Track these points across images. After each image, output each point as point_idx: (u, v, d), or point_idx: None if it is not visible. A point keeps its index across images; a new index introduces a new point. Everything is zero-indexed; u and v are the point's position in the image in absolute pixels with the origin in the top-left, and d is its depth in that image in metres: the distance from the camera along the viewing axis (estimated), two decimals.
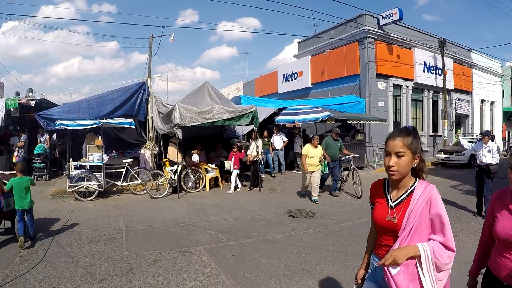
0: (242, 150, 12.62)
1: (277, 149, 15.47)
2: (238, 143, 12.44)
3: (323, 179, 11.18)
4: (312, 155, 10.33)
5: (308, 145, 10.55)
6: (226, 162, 12.26)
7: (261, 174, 13.17)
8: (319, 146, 10.54)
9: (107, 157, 11.22)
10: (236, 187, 12.17)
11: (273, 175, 15.37)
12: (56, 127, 11.15)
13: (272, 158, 15.63)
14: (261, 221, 8.41)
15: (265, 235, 7.29)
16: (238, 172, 12.29)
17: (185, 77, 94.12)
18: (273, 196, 11.62)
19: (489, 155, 9.08)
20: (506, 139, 36.82)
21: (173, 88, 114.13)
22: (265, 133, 15.17)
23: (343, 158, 11.84)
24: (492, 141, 9.64)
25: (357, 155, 12.57)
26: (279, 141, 15.50)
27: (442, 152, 20.82)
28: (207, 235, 7.23)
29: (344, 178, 12.24)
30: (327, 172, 11.11)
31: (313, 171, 10.37)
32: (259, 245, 6.63)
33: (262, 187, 12.34)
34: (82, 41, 71.59)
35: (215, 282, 5.00)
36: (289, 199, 10.99)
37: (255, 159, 12.27)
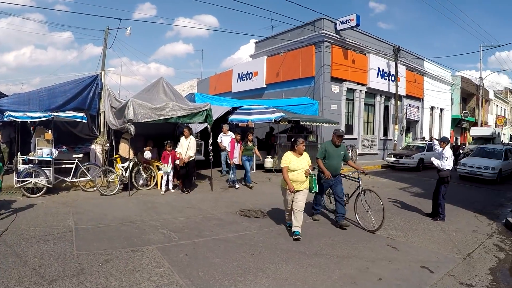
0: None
1: (227, 151, 14.42)
2: (171, 142, 12.01)
3: (317, 201, 8.88)
4: (295, 167, 7.18)
5: (289, 153, 7.34)
6: (162, 165, 11.83)
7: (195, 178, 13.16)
8: (305, 153, 7.41)
9: (57, 151, 10.93)
10: (167, 188, 11.71)
11: (222, 175, 15.36)
12: (5, 119, 10.81)
13: (221, 157, 15.63)
14: (213, 220, 8.45)
15: (218, 234, 7.34)
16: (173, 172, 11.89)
17: (139, 72, 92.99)
18: (225, 195, 11.72)
19: (443, 161, 9.71)
20: (453, 145, 38.69)
21: (127, 82, 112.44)
22: (250, 136, 13.51)
23: (350, 174, 9.02)
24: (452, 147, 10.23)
25: (366, 171, 9.04)
26: (228, 141, 14.51)
27: (392, 156, 22.10)
28: (159, 234, 7.16)
29: (346, 200, 8.77)
30: (316, 190, 7.63)
31: (297, 191, 7.17)
32: (212, 244, 6.67)
33: (189, 190, 11.68)
34: (36, 29, 69.47)
35: (169, 282, 4.98)
36: (241, 198, 11.14)
37: (190, 159, 11.60)
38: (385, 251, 6.92)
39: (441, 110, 35.73)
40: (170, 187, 11.70)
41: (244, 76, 28.68)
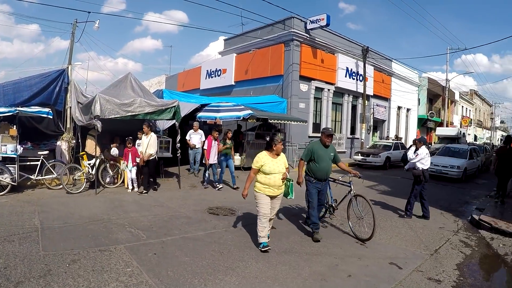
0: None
1: (197, 148, 14.66)
2: (131, 138, 11.63)
3: (313, 215, 7.51)
4: (271, 169, 6.39)
5: (263, 154, 6.58)
6: (122, 163, 11.70)
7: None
8: (282, 154, 6.70)
9: (22, 148, 10.65)
10: (133, 187, 11.45)
11: (189, 173, 15.16)
12: None
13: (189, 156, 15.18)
14: (182, 218, 8.44)
15: (187, 233, 7.33)
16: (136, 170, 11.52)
17: (107, 67, 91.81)
18: (194, 193, 11.73)
19: (415, 158, 9.98)
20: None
21: (94, 77, 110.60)
22: (229, 133, 12.85)
23: (340, 178, 8.30)
24: (426, 147, 10.33)
25: (359, 175, 7.95)
26: (198, 139, 14.74)
27: (359, 154, 22.68)
28: (127, 233, 7.08)
29: (335, 206, 8.36)
30: (292, 196, 6.86)
31: (273, 196, 6.53)
32: (180, 243, 6.66)
33: (146, 192, 11.17)
34: (2, 20, 67.62)
35: (138, 282, 4.93)
36: (209, 196, 11.17)
37: (150, 158, 11.20)
38: (354, 248, 7.07)
39: (408, 110, 36.75)
40: (134, 185, 11.46)
41: (212, 73, 28.72)
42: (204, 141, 14.00)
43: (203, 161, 12.65)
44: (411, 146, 10.94)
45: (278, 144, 6.50)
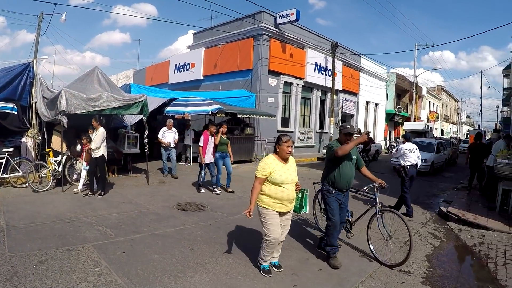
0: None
1: (170, 148, 13.80)
2: (88, 134, 10.79)
3: (333, 234, 6.12)
4: (283, 178, 5.12)
5: (271, 158, 5.23)
6: (78, 162, 11.21)
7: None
8: (292, 159, 5.43)
9: None
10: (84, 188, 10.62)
11: (164, 176, 13.87)
12: None
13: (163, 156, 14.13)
14: (150, 215, 8.35)
15: (156, 230, 7.26)
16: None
17: (74, 61, 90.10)
18: (162, 188, 11.65)
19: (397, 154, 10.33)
20: (388, 138, 40.63)
21: (60, 72, 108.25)
22: (224, 127, 11.68)
23: (364, 189, 6.82)
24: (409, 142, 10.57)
25: (386, 185, 6.46)
26: (172, 138, 14.00)
27: (358, 147, 22.80)
28: (95, 231, 6.94)
29: (352, 221, 7.29)
30: (307, 210, 5.92)
31: (284, 212, 5.29)
32: (149, 240, 6.59)
33: (92, 193, 10.18)
34: None
35: (107, 281, 4.87)
36: (178, 192, 11.13)
37: (97, 155, 10.25)
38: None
39: (376, 105, 37.58)
40: (80, 185, 10.60)
41: (181, 67, 28.72)
42: (177, 139, 14.31)
43: (198, 161, 11.24)
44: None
45: (285, 147, 5.09)
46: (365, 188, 6.73)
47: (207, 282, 5.05)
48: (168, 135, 13.95)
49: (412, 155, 10.00)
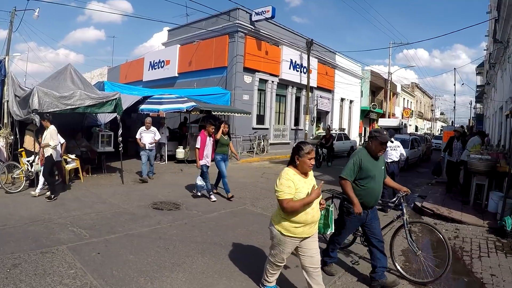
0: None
1: (148, 149, 12.62)
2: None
3: (334, 245, 5.69)
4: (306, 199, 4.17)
5: (290, 172, 4.24)
6: (35, 164, 10.44)
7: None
8: (310, 173, 4.46)
9: None
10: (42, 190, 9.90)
11: (140, 181, 12.49)
12: None
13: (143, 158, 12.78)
14: (125, 215, 8.22)
15: (131, 230, 7.16)
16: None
17: (47, 58, 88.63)
18: (137, 188, 11.48)
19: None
20: (363, 135, 41.18)
21: (34, 70, 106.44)
22: (225, 127, 10.61)
23: (394, 200, 5.96)
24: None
25: (409, 191, 5.72)
26: (151, 138, 12.84)
27: (319, 144, 23.05)
28: (69, 232, 6.80)
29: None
30: (332, 229, 5.13)
31: (305, 238, 4.36)
32: (125, 241, 6.50)
33: (49, 197, 9.38)
34: None
35: (82, 284, 4.79)
36: (152, 191, 10.99)
37: (47, 154, 9.54)
38: None
39: (351, 101, 38.10)
40: (38, 188, 9.86)
41: (156, 64, 28.64)
42: (157, 140, 13.25)
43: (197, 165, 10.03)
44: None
45: (305, 156, 4.14)
46: (394, 199, 5.90)
47: (184, 282, 5.02)
48: (145, 136, 12.73)
49: (394, 152, 10.35)
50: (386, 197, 9.79)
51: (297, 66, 27.49)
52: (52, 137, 9.56)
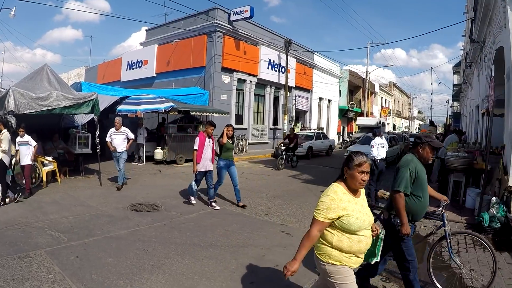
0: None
1: (120, 151, 11.60)
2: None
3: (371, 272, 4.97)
4: (359, 223, 3.33)
5: (340, 189, 3.39)
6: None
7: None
8: (361, 191, 3.58)
9: None
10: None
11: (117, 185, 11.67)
12: None
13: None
14: (103, 217, 8.15)
15: (109, 232, 7.11)
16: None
17: (24, 58, 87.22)
18: (115, 189, 11.31)
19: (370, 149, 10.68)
20: (341, 134, 41.61)
21: (10, 70, 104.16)
22: (230, 130, 9.58)
23: (438, 212, 5.36)
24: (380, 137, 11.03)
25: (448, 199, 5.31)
26: (122, 140, 11.73)
27: (282, 144, 23.15)
28: (47, 236, 6.71)
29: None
30: (378, 259, 3.98)
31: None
32: (103, 243, 6.45)
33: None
34: None
35: None
36: (131, 192, 10.93)
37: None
38: (279, 237, 7.29)
39: (329, 101, 38.40)
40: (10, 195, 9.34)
41: (134, 64, 28.52)
42: (131, 140, 12.12)
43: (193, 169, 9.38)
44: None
45: (355, 170, 3.34)
46: (440, 209, 5.27)
47: (163, 284, 5.03)
48: (116, 137, 11.68)
49: (382, 149, 10.49)
50: (373, 197, 10.15)
51: (276, 66, 27.66)
52: (3, 141, 9.11)
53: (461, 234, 5.96)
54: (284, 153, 17.98)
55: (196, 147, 9.15)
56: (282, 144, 19.47)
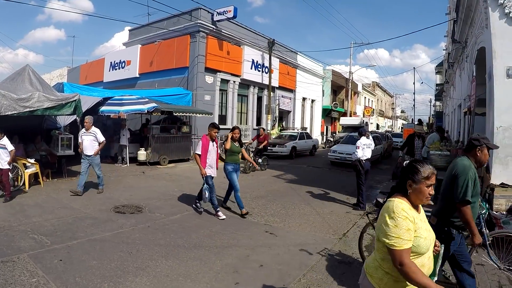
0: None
1: (88, 156, 10.79)
2: None
3: None
4: (427, 243, 2.74)
5: (405, 205, 2.71)
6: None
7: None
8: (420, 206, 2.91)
9: None
10: None
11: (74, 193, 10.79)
12: None
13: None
14: (87, 220, 8.09)
15: (93, 235, 7.07)
16: None
17: (6, 59, 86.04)
18: (98, 191, 11.13)
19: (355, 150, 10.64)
20: (324, 133, 41.87)
21: None
22: (236, 133, 9.32)
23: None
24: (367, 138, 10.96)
25: None
26: (90, 142, 10.88)
27: (250, 146, 23.30)
28: (30, 239, 6.63)
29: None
30: (436, 277, 2.96)
31: None
32: (87, 246, 6.41)
33: None
34: None
35: None
36: (114, 194, 10.90)
37: None
38: (263, 237, 7.34)
39: (313, 101, 38.64)
40: None
41: (116, 65, 28.29)
42: (103, 142, 11.13)
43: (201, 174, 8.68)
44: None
45: (423, 184, 2.77)
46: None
47: (148, 286, 5.04)
48: (84, 139, 10.91)
49: (368, 150, 10.53)
50: (364, 195, 10.28)
51: (259, 66, 27.75)
52: None
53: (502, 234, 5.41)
54: (252, 155, 17.39)
55: (198, 151, 8.50)
56: (249, 145, 18.78)
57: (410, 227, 2.57)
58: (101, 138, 10.99)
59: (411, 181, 2.78)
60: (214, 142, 8.78)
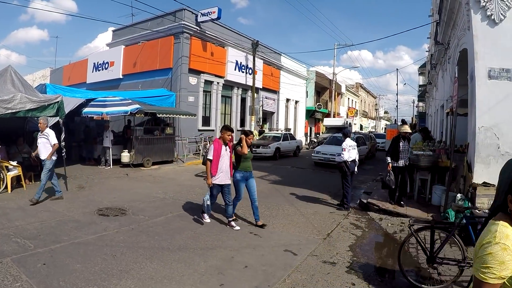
0: None
1: (42, 159, 10.23)
2: None
3: None
4: None
5: (509, 230, 1.87)
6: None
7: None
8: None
9: None
10: None
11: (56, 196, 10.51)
12: None
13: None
14: (70, 223, 8.02)
15: (76, 238, 7.00)
16: None
17: None
18: (81, 194, 11.25)
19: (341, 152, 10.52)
20: (308, 134, 42.12)
21: None
22: (251, 138, 8.32)
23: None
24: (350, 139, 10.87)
25: None
26: (44, 145, 10.29)
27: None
28: (12, 243, 6.55)
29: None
30: None
31: None
32: (70, 250, 6.36)
33: None
34: None
35: None
36: (98, 197, 10.81)
37: None
38: (248, 239, 7.36)
39: (296, 102, 38.94)
40: None
41: (100, 66, 28.13)
42: (55, 145, 10.32)
43: (205, 180, 8.53)
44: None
45: None
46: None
47: None
48: (39, 141, 10.49)
49: (353, 151, 10.53)
50: (349, 196, 10.30)
51: (243, 67, 27.89)
52: None
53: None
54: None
55: (210, 156, 7.85)
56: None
57: (506, 259, 1.85)
58: (54, 141, 10.27)
59: None
60: (228, 147, 8.10)
